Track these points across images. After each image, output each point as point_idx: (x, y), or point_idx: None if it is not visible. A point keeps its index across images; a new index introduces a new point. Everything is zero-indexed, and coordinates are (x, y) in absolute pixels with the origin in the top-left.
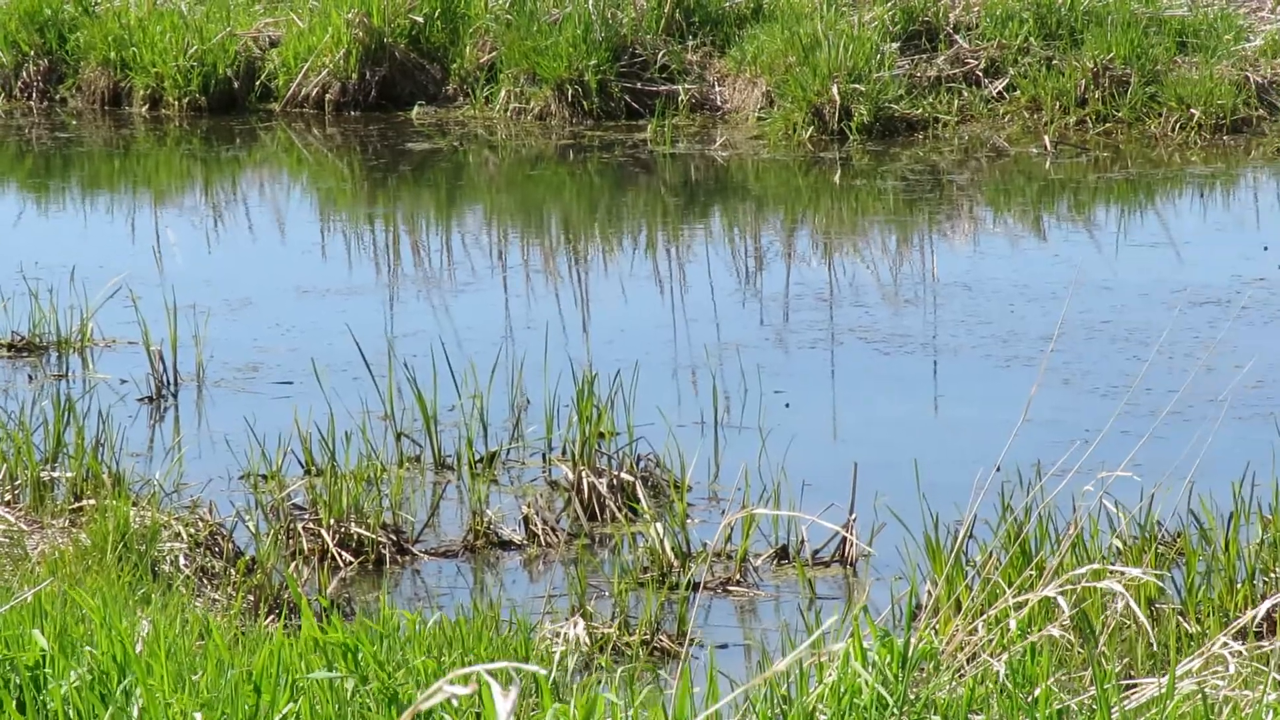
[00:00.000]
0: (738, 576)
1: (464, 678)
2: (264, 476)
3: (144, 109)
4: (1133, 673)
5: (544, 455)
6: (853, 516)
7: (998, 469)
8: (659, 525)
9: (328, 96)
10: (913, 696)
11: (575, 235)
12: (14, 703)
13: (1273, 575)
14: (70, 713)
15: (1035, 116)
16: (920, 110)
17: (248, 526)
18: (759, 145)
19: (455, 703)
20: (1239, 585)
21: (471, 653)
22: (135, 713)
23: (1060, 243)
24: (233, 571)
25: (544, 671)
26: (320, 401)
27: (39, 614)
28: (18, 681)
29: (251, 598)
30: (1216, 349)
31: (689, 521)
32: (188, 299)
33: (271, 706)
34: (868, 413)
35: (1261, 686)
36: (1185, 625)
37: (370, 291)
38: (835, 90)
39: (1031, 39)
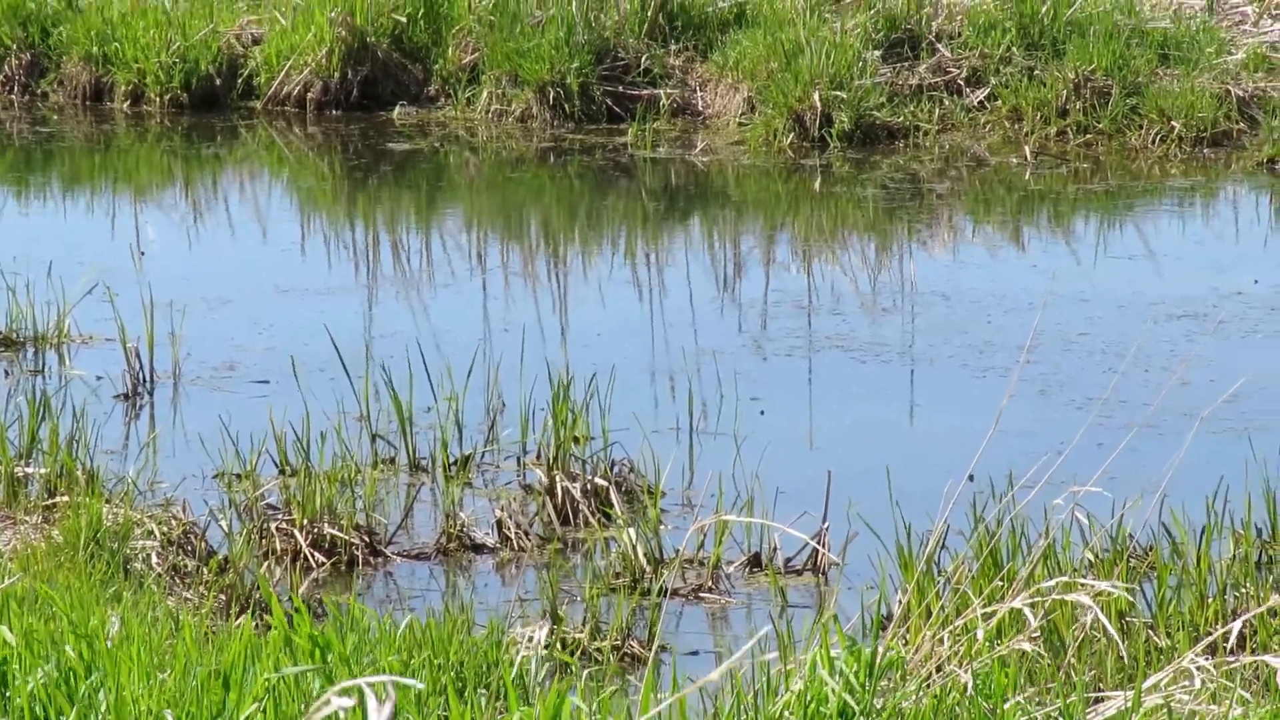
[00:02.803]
0: (710, 583)
1: (350, 690)
2: (238, 476)
3: (126, 105)
4: (1101, 686)
5: (518, 459)
6: (825, 525)
7: (970, 479)
8: (632, 531)
9: (310, 95)
10: (879, 705)
11: (555, 238)
12: None
13: (1243, 590)
14: (37, 709)
15: (1016, 126)
16: (901, 118)
17: (221, 526)
18: (740, 151)
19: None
20: (1210, 600)
21: (442, 655)
22: (102, 710)
23: (1039, 253)
24: (205, 570)
25: (420, 686)
26: (296, 401)
27: (6, 610)
28: None
29: (223, 597)
30: (1192, 362)
31: (662, 528)
32: (166, 296)
33: (238, 704)
34: (843, 421)
35: (1227, 702)
36: (1155, 639)
37: (349, 291)
38: (817, 97)
39: (1014, 48)
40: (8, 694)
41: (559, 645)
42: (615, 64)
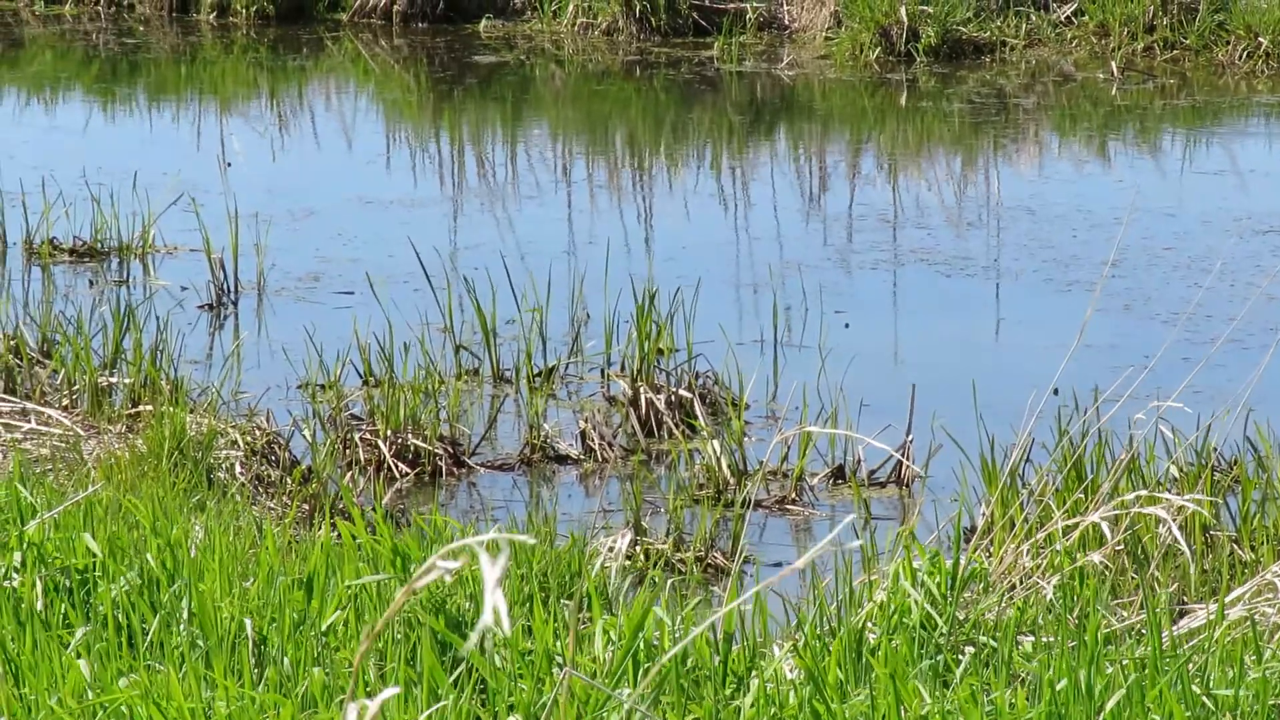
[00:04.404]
0: (793, 495)
1: (455, 552)
2: (322, 386)
3: (212, 17)
4: (1184, 599)
5: (602, 371)
6: (909, 438)
7: (1055, 392)
8: (716, 443)
9: (395, 8)
10: (961, 617)
11: (640, 152)
12: (65, 606)
13: None
14: (120, 617)
15: (1103, 42)
16: (988, 33)
17: (304, 436)
18: (825, 65)
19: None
20: None
21: (525, 565)
22: (185, 617)
23: (1124, 169)
24: (288, 480)
25: (533, 541)
26: (380, 313)
27: (91, 519)
28: (68, 585)
29: (306, 507)
30: (1277, 277)
31: (746, 440)
32: (250, 207)
33: (320, 612)
34: (928, 335)
35: None
36: (1240, 553)
37: (433, 204)
38: (903, 11)
39: None
40: (91, 601)
41: (642, 556)
42: None
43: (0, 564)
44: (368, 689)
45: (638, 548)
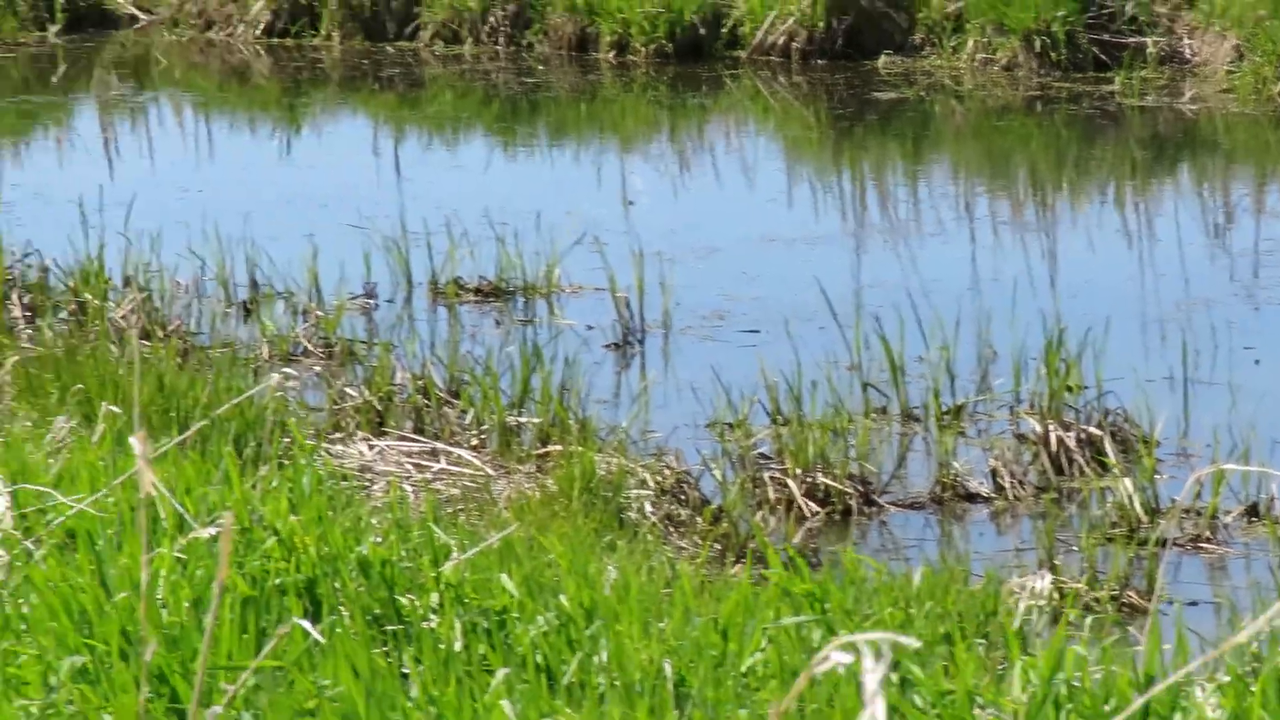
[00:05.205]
0: (1207, 533)
1: (850, 645)
2: (730, 425)
3: (610, 55)
4: None
5: (1011, 408)
6: None
7: None
8: (1128, 480)
9: (794, 44)
10: None
11: (1042, 187)
12: (484, 646)
13: None
14: (538, 657)
15: None
16: None
17: (714, 475)
18: (1228, 99)
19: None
20: None
21: (941, 605)
22: (603, 658)
23: None
24: (698, 519)
25: (916, 644)
26: (786, 350)
27: (507, 559)
28: (486, 626)
29: (717, 546)
30: None
31: (1157, 477)
32: (653, 246)
33: (738, 654)
34: None
35: None
36: None
37: (836, 240)
38: None
39: None
40: (509, 642)
41: (1056, 595)
42: (1101, 11)
43: (418, 605)
44: None
45: (1050, 586)
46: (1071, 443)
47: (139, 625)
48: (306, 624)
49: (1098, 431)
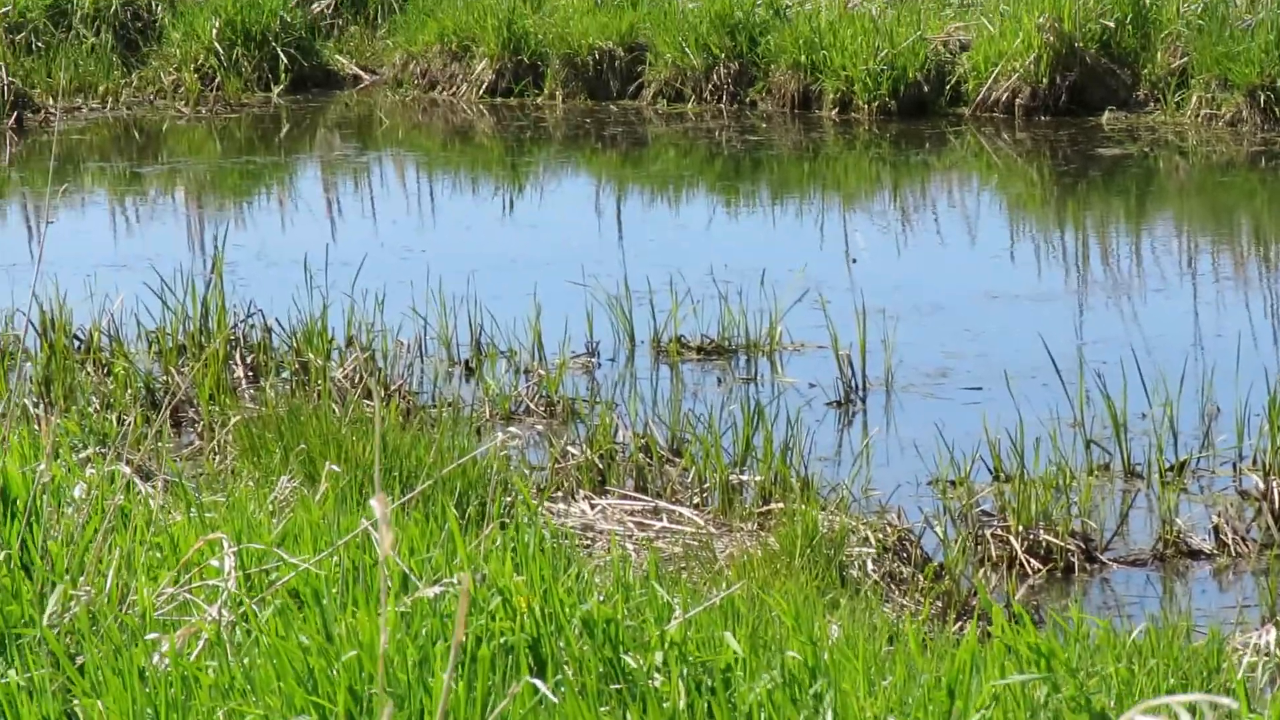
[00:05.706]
0: None
1: (1156, 708)
2: (952, 482)
3: (833, 112)
4: None
5: (1234, 464)
6: None
7: None
8: None
9: (1017, 101)
10: None
11: (1265, 242)
12: (708, 703)
13: None
14: (761, 715)
15: None
16: None
17: (935, 532)
18: None
19: None
20: None
21: (1167, 661)
22: (827, 717)
23: None
24: (920, 577)
25: (1234, 704)
26: (1008, 407)
27: (731, 616)
28: (710, 684)
29: (939, 604)
30: None
31: None
32: (876, 303)
33: (964, 712)
34: None
35: None
36: None
37: (1059, 297)
38: None
39: None
40: (733, 700)
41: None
42: None
43: (642, 663)
44: None
45: (1275, 642)
46: None
47: (365, 685)
48: (539, 682)
49: None
